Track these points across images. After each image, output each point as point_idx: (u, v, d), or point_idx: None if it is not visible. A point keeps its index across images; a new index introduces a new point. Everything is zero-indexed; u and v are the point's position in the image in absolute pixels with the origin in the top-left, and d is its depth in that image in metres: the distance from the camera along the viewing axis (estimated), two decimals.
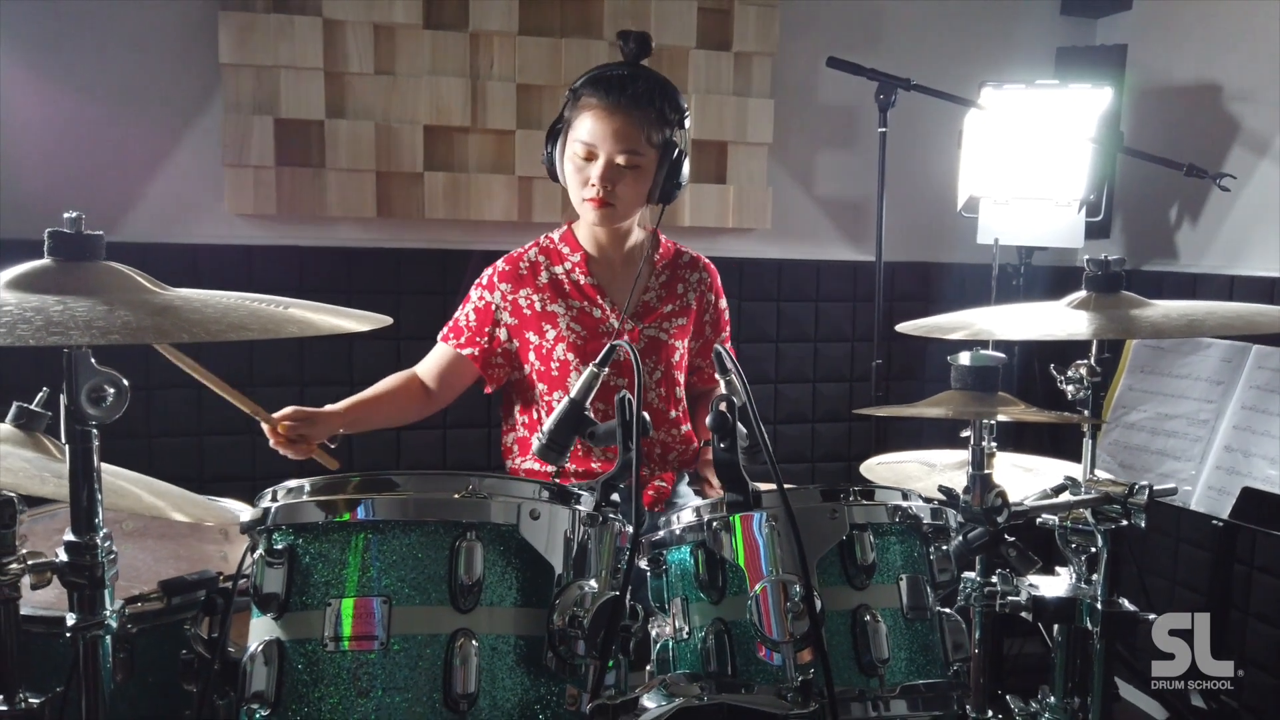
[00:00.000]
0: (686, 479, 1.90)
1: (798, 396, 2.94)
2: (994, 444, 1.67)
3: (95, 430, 0.91)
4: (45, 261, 0.89)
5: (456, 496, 0.94)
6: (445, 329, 1.84)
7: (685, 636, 1.12)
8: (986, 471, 1.13)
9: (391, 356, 2.52)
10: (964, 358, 1.15)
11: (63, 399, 0.90)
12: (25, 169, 2.28)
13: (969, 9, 2.94)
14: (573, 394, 1.13)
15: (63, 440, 0.91)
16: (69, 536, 0.93)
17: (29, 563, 0.93)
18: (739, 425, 1.06)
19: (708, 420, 1.06)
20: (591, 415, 1.13)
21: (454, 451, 2.65)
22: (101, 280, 0.88)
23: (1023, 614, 1.25)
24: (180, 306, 0.84)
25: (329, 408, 1.66)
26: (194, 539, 1.63)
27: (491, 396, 1.92)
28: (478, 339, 1.79)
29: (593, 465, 1.78)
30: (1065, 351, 1.48)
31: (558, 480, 1.71)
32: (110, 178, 2.37)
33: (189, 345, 0.92)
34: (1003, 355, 1.15)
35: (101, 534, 0.93)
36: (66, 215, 0.91)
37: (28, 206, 2.30)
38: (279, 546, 0.95)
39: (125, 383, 0.92)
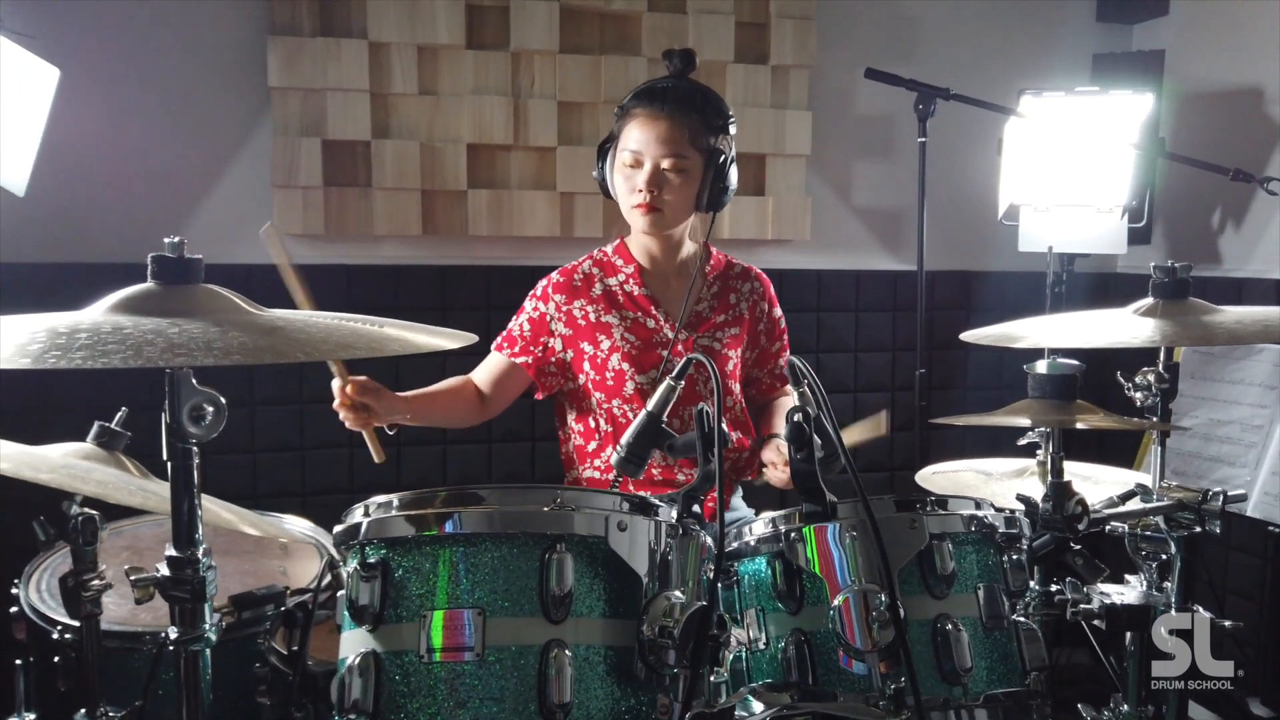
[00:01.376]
0: (740, 492, 1.91)
1: (839, 407, 2.92)
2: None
3: (195, 448, 0.94)
4: (149, 285, 0.92)
5: (546, 509, 0.96)
6: (499, 338, 1.87)
7: (762, 647, 1.13)
8: (1066, 479, 1.13)
9: (437, 372, 2.55)
10: (1040, 366, 1.16)
11: (164, 417, 0.93)
12: (79, 191, 2.33)
13: (1003, 18, 2.95)
14: (650, 407, 1.15)
15: (164, 458, 0.94)
16: (170, 551, 0.95)
17: (133, 578, 0.95)
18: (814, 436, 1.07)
19: (784, 432, 1.07)
20: (668, 428, 1.14)
21: (499, 464, 2.67)
22: (203, 302, 0.90)
23: (1095, 622, 1.25)
24: (285, 327, 0.86)
25: (396, 394, 1.66)
26: (257, 554, 1.66)
27: (538, 410, 1.93)
28: (531, 348, 1.82)
29: (653, 474, 1.80)
30: (1110, 360, 1.47)
31: (617, 485, 1.74)
32: (163, 199, 2.42)
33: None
34: (1081, 364, 1.15)
35: (201, 549, 0.95)
36: (167, 240, 0.94)
37: (85, 228, 2.36)
38: (372, 560, 0.97)
39: (223, 401, 0.94)
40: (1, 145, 1.80)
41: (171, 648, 0.95)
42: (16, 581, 1.48)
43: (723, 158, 1.71)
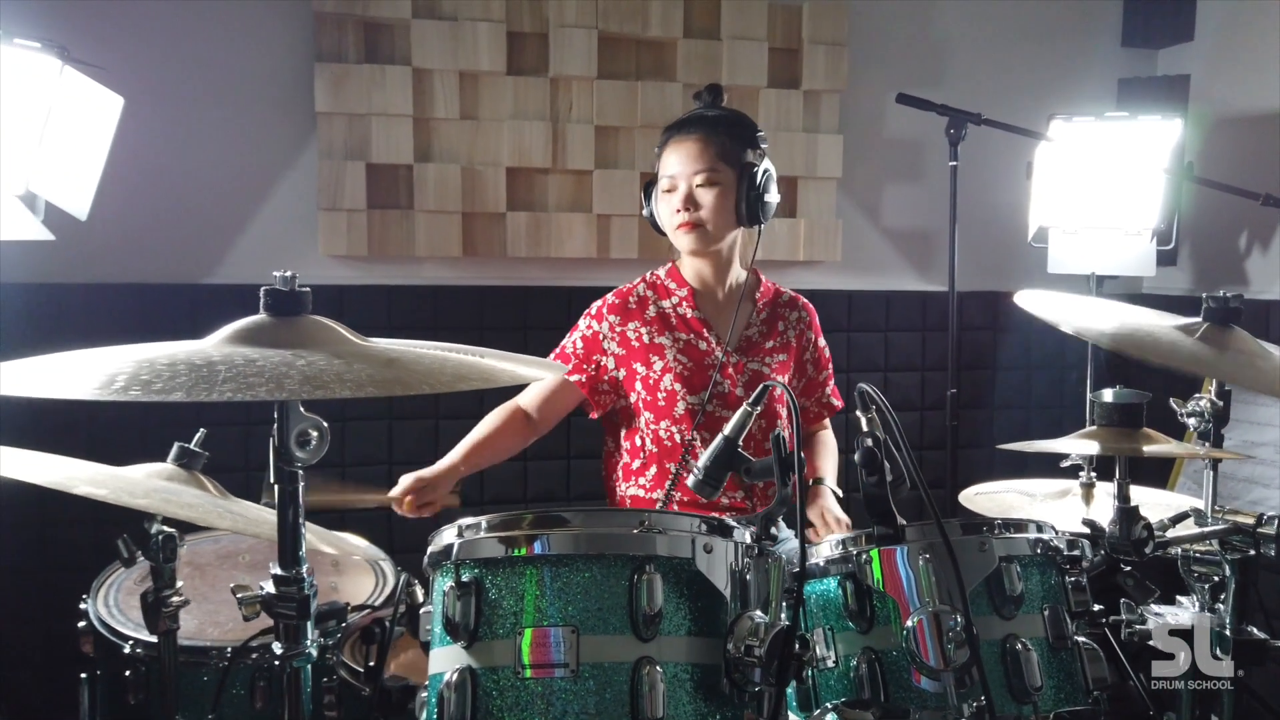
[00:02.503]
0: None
1: None
2: (1094, 474, 1.70)
3: (300, 471, 0.98)
4: (261, 317, 0.96)
5: (635, 532, 1.00)
6: (552, 356, 1.90)
7: (831, 665, 1.16)
8: (1133, 504, 1.17)
9: (474, 390, 2.59)
10: (1107, 395, 1.19)
11: (272, 442, 0.97)
12: (133, 214, 2.38)
13: (1029, 43, 3.00)
14: (726, 432, 1.18)
15: (270, 481, 0.98)
16: (275, 570, 0.99)
17: (239, 595, 0.99)
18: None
19: (856, 456, 1.11)
20: (745, 452, 1.18)
21: (534, 483, 2.70)
22: (313, 334, 0.94)
23: (1150, 643, 1.28)
24: (400, 358, 0.90)
25: (444, 463, 1.72)
26: None
27: (574, 429, 1.95)
28: (585, 366, 1.86)
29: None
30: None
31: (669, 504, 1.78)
32: (212, 221, 2.48)
33: None
34: (1148, 393, 1.19)
35: (305, 567, 0.99)
36: (276, 274, 0.99)
37: (137, 249, 2.41)
38: (466, 579, 1.00)
39: (325, 425, 0.99)
40: (68, 171, 1.85)
41: (277, 663, 0.99)
42: (85, 596, 1.53)
43: (755, 169, 1.78)
